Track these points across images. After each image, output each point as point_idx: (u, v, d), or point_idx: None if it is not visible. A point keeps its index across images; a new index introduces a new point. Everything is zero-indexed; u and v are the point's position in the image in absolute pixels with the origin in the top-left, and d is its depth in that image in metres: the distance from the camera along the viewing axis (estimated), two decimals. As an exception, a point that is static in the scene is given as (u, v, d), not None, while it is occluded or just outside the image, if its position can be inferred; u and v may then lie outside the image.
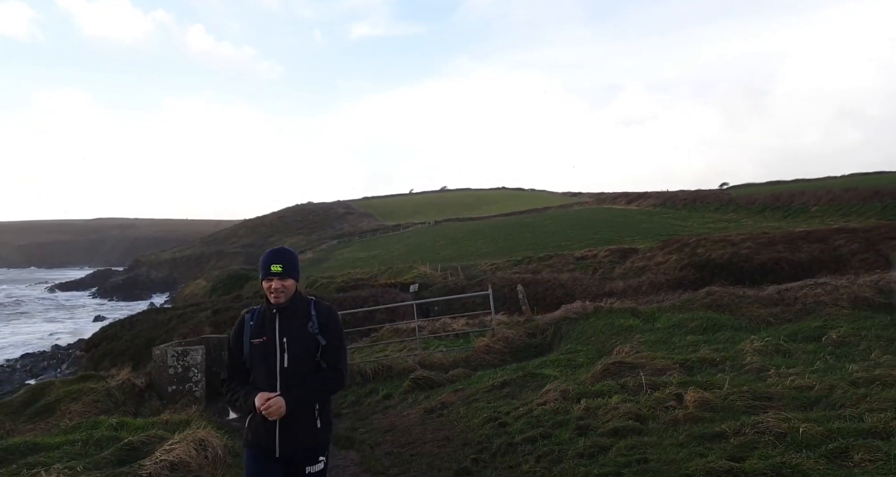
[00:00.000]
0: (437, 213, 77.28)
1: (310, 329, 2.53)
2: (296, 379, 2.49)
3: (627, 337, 7.21)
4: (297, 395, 2.45)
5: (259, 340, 2.55)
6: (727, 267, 19.83)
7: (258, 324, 2.59)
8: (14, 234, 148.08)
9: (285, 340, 2.52)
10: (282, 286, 2.50)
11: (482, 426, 5.05)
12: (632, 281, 20.88)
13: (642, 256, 24.17)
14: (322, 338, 2.52)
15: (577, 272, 24.20)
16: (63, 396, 7.73)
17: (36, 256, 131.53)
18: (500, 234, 43.84)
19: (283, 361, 2.50)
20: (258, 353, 2.55)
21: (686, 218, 37.16)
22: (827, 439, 3.50)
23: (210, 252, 74.73)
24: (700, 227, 32.09)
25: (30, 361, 32.70)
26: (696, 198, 42.14)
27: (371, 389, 7.64)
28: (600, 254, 26.47)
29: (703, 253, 21.29)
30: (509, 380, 6.42)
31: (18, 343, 39.44)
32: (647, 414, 4.52)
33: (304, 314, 2.56)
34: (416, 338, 10.82)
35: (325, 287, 30.92)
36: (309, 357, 2.53)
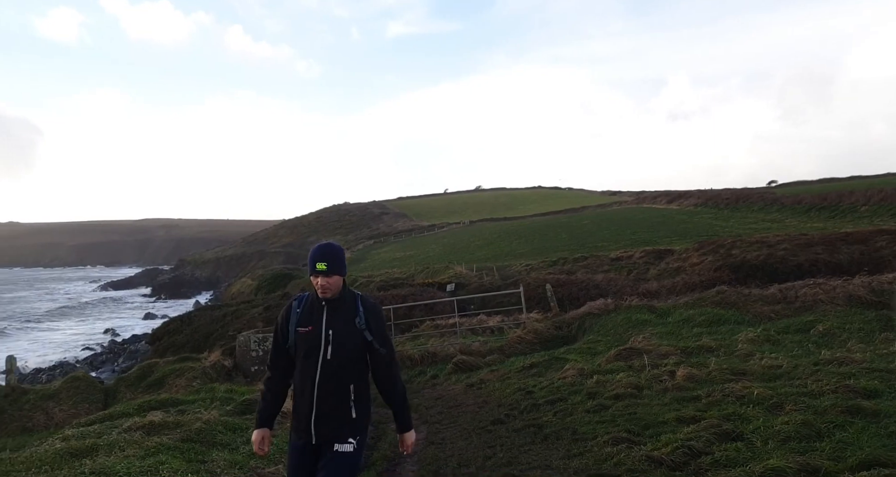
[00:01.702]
0: (471, 214, 78.56)
1: (357, 324, 2.59)
2: (335, 372, 2.54)
3: (642, 329, 8.49)
4: (404, 415, 2.70)
5: (305, 329, 2.59)
6: (762, 268, 20.42)
7: (306, 312, 2.63)
8: (68, 234, 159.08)
9: (331, 333, 2.56)
10: (327, 283, 2.56)
11: (513, 394, 6.49)
12: (666, 282, 21.68)
13: (677, 257, 24.90)
14: (369, 333, 2.59)
15: (612, 273, 25.12)
16: (169, 373, 9.60)
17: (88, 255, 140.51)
18: (536, 235, 44.71)
19: (327, 353, 2.54)
20: (302, 342, 2.59)
21: (728, 218, 37.28)
22: (772, 398, 4.78)
23: (251, 252, 78.25)
24: (741, 227, 32.31)
25: (90, 355, 36.08)
26: (740, 197, 42.01)
27: (419, 371, 9.17)
28: (635, 255, 27.28)
29: (739, 254, 21.90)
30: (537, 363, 7.82)
31: (79, 338, 43.17)
32: (644, 385, 5.86)
33: (352, 309, 2.61)
34: (455, 331, 12.26)
35: (365, 286, 32.80)
36: (352, 351, 2.57)
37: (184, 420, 5.46)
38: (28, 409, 9.20)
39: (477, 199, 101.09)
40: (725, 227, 32.96)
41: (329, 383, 2.54)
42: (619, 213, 51.49)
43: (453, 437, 5.36)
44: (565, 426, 5.02)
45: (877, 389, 4.66)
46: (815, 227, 28.36)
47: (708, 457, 3.77)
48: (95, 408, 9.46)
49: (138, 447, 4.70)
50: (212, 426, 5.31)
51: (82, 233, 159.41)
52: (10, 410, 9.09)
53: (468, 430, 5.50)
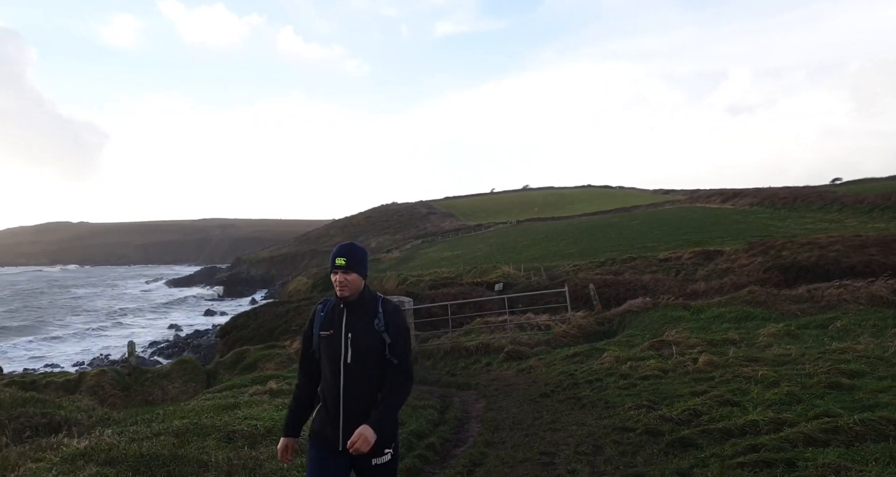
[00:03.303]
0: (518, 213, 79.29)
1: (376, 326, 2.58)
2: (358, 376, 2.55)
3: (676, 325, 9.59)
4: (376, 416, 2.50)
5: (327, 333, 2.61)
6: (813, 270, 20.63)
7: (328, 316, 2.66)
8: (134, 234, 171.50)
9: (350, 336, 2.57)
10: (345, 279, 2.58)
11: (557, 376, 7.81)
12: (713, 283, 22.19)
13: (726, 258, 25.23)
14: (388, 336, 2.57)
15: (660, 274, 25.71)
16: (259, 358, 11.44)
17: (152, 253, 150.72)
18: (584, 235, 45.18)
19: (347, 357, 2.55)
20: (325, 345, 2.62)
21: (784, 218, 36.81)
22: (772, 378, 5.90)
23: (304, 251, 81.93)
24: (798, 228, 31.98)
25: (157, 349, 39.62)
26: (798, 196, 41.17)
27: (475, 359, 10.60)
28: (684, 256, 27.70)
29: (789, 256, 22.15)
30: (579, 352, 9.10)
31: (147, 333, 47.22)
32: (669, 369, 7.06)
33: (372, 311, 2.61)
34: (505, 327, 13.58)
35: (416, 284, 34.52)
36: (373, 354, 2.57)
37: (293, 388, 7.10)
38: (148, 385, 11.24)
39: (524, 199, 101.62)
40: (781, 228, 32.69)
41: (353, 388, 2.55)
42: (670, 213, 51.22)
43: (507, 406, 6.76)
44: (599, 398, 6.32)
45: (861, 371, 5.72)
46: (875, 227, 27.87)
47: (706, 416, 5.01)
48: (200, 386, 11.41)
49: (268, 404, 6.34)
50: (317, 393, 6.93)
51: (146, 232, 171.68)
52: (134, 385, 11.14)
53: (519, 401, 6.89)
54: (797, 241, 24.47)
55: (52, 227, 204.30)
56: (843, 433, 4.06)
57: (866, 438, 3.96)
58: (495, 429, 5.81)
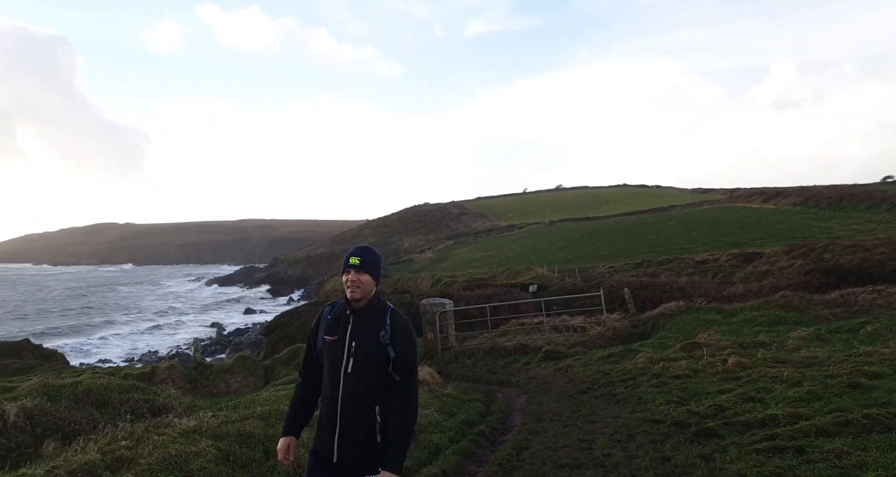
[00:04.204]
0: (552, 213, 79.24)
1: (381, 338, 2.50)
2: (357, 387, 2.48)
3: (708, 328, 10.07)
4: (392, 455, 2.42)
5: (331, 338, 2.56)
6: (855, 273, 20.49)
7: (334, 320, 2.61)
8: (176, 234, 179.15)
9: (353, 344, 2.51)
10: (357, 279, 2.52)
11: (593, 375, 8.45)
12: (751, 285, 22.24)
13: (766, 260, 25.15)
14: (392, 350, 2.48)
15: (696, 276, 25.79)
16: (311, 354, 12.43)
17: (192, 254, 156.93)
18: (620, 236, 45.10)
19: (348, 366, 2.49)
20: (328, 351, 2.57)
21: (828, 219, 36.08)
22: (796, 378, 6.41)
23: (339, 251, 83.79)
24: (842, 229, 31.40)
25: (196, 346, 41.57)
26: (844, 195, 40.20)
27: (513, 359, 11.30)
28: (722, 258, 27.66)
29: (831, 258, 22.00)
30: (614, 353, 9.69)
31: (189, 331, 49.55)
32: (699, 369, 7.61)
33: (379, 321, 2.54)
34: (540, 329, 14.19)
35: (450, 285, 35.34)
36: (374, 367, 2.50)
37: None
38: (212, 379, 12.35)
39: (558, 199, 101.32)
40: (824, 229, 32.13)
41: (351, 401, 2.49)
42: (708, 213, 50.57)
43: (547, 401, 7.45)
44: (633, 395, 6.95)
45: (882, 373, 6.18)
46: (927, 228, 27.20)
47: (730, 411, 5.59)
48: (259, 380, 12.47)
49: (333, 395, 7.19)
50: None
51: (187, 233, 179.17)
52: (200, 379, 12.27)
53: (558, 397, 7.57)
54: (840, 243, 24.22)
55: (100, 228, 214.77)
56: (853, 426, 4.61)
57: (872, 430, 4.51)
58: (537, 420, 6.51)
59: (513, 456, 5.19)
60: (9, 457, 5.41)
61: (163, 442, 4.88)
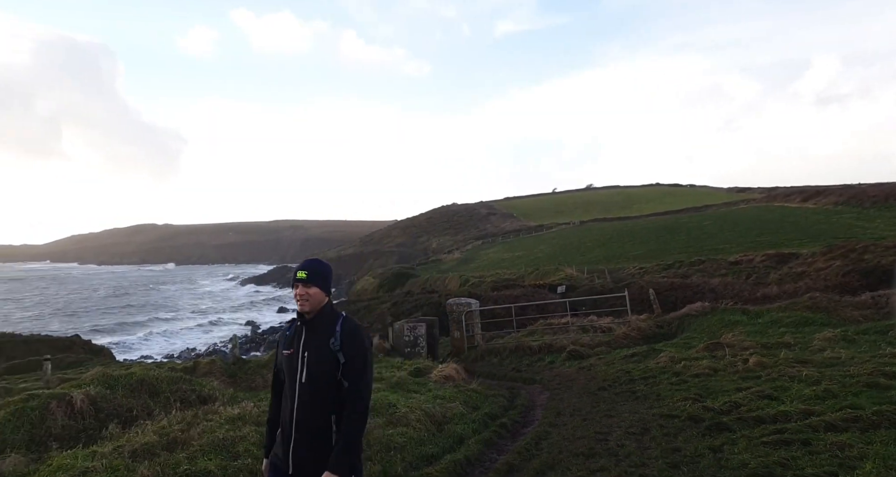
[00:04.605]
0: (582, 213, 78.64)
1: (331, 345, 2.55)
2: (312, 397, 2.53)
3: (733, 328, 10.15)
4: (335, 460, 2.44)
5: (288, 352, 2.64)
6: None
7: (290, 335, 2.68)
8: (212, 234, 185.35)
9: (306, 355, 2.57)
10: (305, 293, 2.58)
11: (615, 373, 8.69)
12: (787, 287, 21.85)
13: (802, 261, 24.64)
14: (342, 355, 2.53)
15: (729, 277, 25.43)
16: (343, 351, 12.96)
17: (228, 253, 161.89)
18: (651, 236, 44.61)
19: (302, 376, 2.55)
20: (286, 364, 2.64)
21: (872, 219, 34.96)
22: (815, 377, 6.54)
23: (368, 251, 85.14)
24: (887, 229, 30.41)
25: (234, 343, 42.92)
26: (890, 194, 38.78)
27: (538, 357, 11.58)
28: (756, 259, 27.20)
29: (872, 259, 21.44)
30: (637, 353, 9.89)
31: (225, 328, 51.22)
32: (720, 368, 7.78)
33: (329, 330, 2.59)
34: (567, 329, 14.39)
35: (477, 286, 35.65)
36: (327, 375, 2.54)
37: (384, 376, 8.42)
38: (250, 374, 12.98)
39: (588, 199, 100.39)
40: (867, 229, 31.17)
41: (306, 410, 2.53)
42: (744, 213, 49.49)
43: (568, 397, 7.74)
44: (652, 392, 7.18)
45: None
46: (978, 228, 26.10)
47: (745, 407, 5.80)
48: (293, 375, 13.04)
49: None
50: (403, 380, 8.21)
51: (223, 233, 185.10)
52: (239, 374, 12.92)
53: (579, 393, 7.85)
54: (883, 243, 23.55)
55: (141, 229, 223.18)
56: (862, 422, 4.79)
57: (880, 425, 4.68)
58: (557, 414, 6.82)
59: (532, 445, 5.53)
60: (78, 437, 6.04)
61: (211, 427, 5.41)
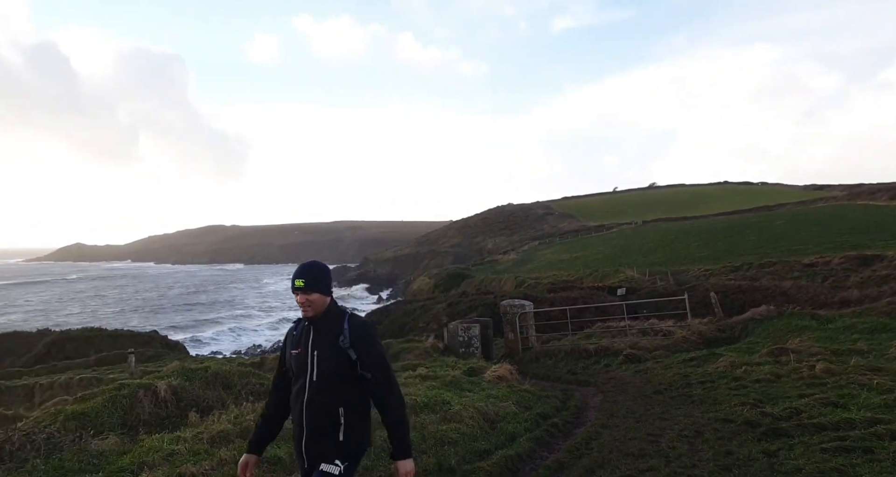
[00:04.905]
0: (644, 213, 76.39)
1: (341, 343, 2.62)
2: (322, 393, 2.60)
3: (801, 334, 9.77)
4: (397, 444, 2.60)
5: (296, 351, 2.71)
6: None
7: (298, 335, 2.75)
8: (276, 235, 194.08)
9: (316, 354, 2.63)
10: (306, 300, 2.64)
11: (672, 377, 8.60)
12: (870, 291, 20.52)
13: (888, 264, 23.03)
14: (353, 352, 2.61)
15: (803, 280, 24.11)
16: (401, 350, 13.40)
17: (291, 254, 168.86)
18: (718, 237, 42.90)
19: (313, 374, 2.62)
20: (294, 364, 2.70)
21: (970, 217, 32.13)
22: (887, 386, 6.28)
23: (424, 251, 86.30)
24: None
25: None
26: None
27: (594, 360, 11.56)
28: (833, 261, 25.64)
29: (967, 263, 19.79)
30: (696, 357, 9.71)
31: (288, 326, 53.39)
32: (783, 374, 7.57)
33: (337, 328, 2.66)
34: (627, 331, 14.21)
35: (534, 287, 35.51)
36: (338, 371, 2.62)
37: (439, 375, 8.73)
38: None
39: (651, 198, 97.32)
40: (964, 229, 28.67)
41: (316, 405, 2.61)
42: (822, 212, 46.57)
43: (622, 400, 7.77)
44: (709, 396, 7.10)
45: (985, 384, 5.91)
46: None
47: (806, 414, 5.67)
48: (353, 372, 13.64)
49: (421, 385, 7.99)
50: (457, 379, 8.50)
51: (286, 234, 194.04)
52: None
53: (634, 396, 7.85)
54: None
55: (211, 230, 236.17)
56: (932, 432, 4.61)
57: (952, 436, 4.50)
58: (610, 416, 6.88)
59: (582, 445, 5.66)
60: (163, 423, 6.71)
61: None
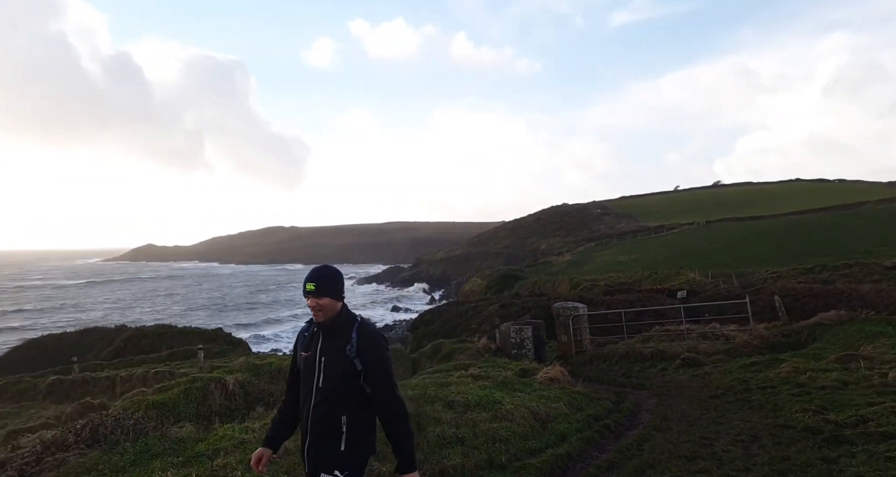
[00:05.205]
0: (708, 213, 73.48)
1: (347, 352, 2.61)
2: (328, 400, 2.60)
3: (874, 340, 9.31)
4: (403, 460, 2.56)
5: (306, 354, 2.72)
6: None
7: (308, 337, 2.77)
8: (332, 236, 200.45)
9: (323, 360, 2.64)
10: (317, 304, 2.65)
11: (730, 382, 8.44)
12: (961, 296, 19.06)
13: (983, 266, 21.23)
14: (359, 362, 2.59)
15: (884, 284, 22.62)
16: (453, 350, 13.69)
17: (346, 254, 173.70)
18: (789, 237, 40.90)
19: (319, 380, 2.63)
20: (304, 366, 2.73)
21: None
22: (965, 396, 5.97)
23: (476, 252, 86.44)
24: None
25: None
26: None
27: (650, 364, 11.42)
28: (919, 263, 23.87)
29: None
30: (758, 362, 9.45)
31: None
32: (851, 381, 7.29)
33: (345, 336, 2.65)
34: (686, 335, 13.88)
35: (589, 289, 34.98)
36: (343, 380, 2.61)
37: (490, 375, 8.94)
38: (368, 367, 14.22)
39: (715, 197, 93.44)
40: None
41: (320, 412, 2.61)
42: (908, 210, 43.34)
43: (677, 403, 7.71)
44: (769, 402, 6.96)
45: None
46: None
47: (873, 422, 5.50)
48: (407, 370, 14.05)
49: (473, 385, 8.22)
50: (509, 379, 8.67)
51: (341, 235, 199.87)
52: (359, 366, 14.21)
53: (689, 400, 7.77)
54: None
55: (270, 231, 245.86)
56: None
57: None
58: (664, 419, 6.87)
59: (633, 446, 5.72)
60: (232, 414, 7.27)
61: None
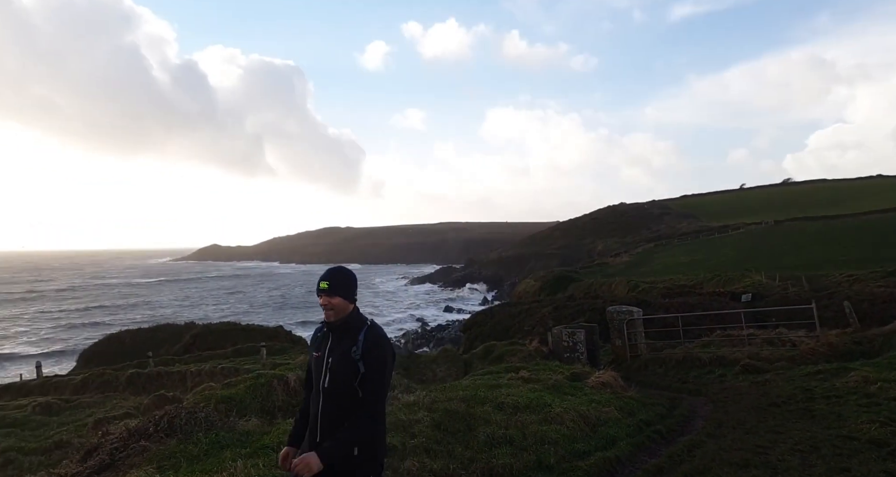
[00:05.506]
0: (777, 212, 69.91)
1: (353, 354, 2.63)
2: (333, 401, 2.63)
3: (959, 350, 8.77)
4: (326, 447, 2.51)
5: (316, 354, 2.77)
6: None
7: (320, 338, 2.82)
8: (385, 237, 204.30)
9: (330, 360, 2.68)
10: (328, 303, 2.69)
11: (792, 390, 8.18)
12: None
13: None
14: (362, 365, 2.60)
15: (976, 288, 20.92)
16: (504, 352, 13.83)
17: (399, 254, 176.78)
18: (867, 238, 38.50)
19: (325, 381, 2.66)
20: (314, 366, 2.79)
21: None
22: None
23: (529, 253, 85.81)
24: None
25: (408, 338, 47.03)
26: None
27: (708, 370, 11.16)
28: None
29: None
30: (823, 370, 9.08)
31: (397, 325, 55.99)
32: (927, 393, 6.93)
33: (353, 338, 2.67)
34: (750, 340, 13.42)
35: (648, 292, 34.11)
36: (347, 382, 2.62)
37: (541, 378, 9.05)
38: (421, 368, 14.59)
39: (785, 195, 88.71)
40: None
41: (328, 414, 2.63)
42: None
43: (734, 410, 7.57)
44: (833, 412, 6.73)
45: None
46: None
47: (945, 436, 5.26)
48: (460, 371, 14.31)
49: (523, 387, 8.37)
50: (559, 383, 8.76)
51: (395, 235, 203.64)
52: (412, 367, 14.60)
53: (747, 408, 7.61)
54: None
55: (327, 232, 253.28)
56: None
57: None
58: (718, 426, 6.78)
59: (684, 452, 5.72)
60: (293, 410, 7.75)
61: (391, 410, 6.59)
